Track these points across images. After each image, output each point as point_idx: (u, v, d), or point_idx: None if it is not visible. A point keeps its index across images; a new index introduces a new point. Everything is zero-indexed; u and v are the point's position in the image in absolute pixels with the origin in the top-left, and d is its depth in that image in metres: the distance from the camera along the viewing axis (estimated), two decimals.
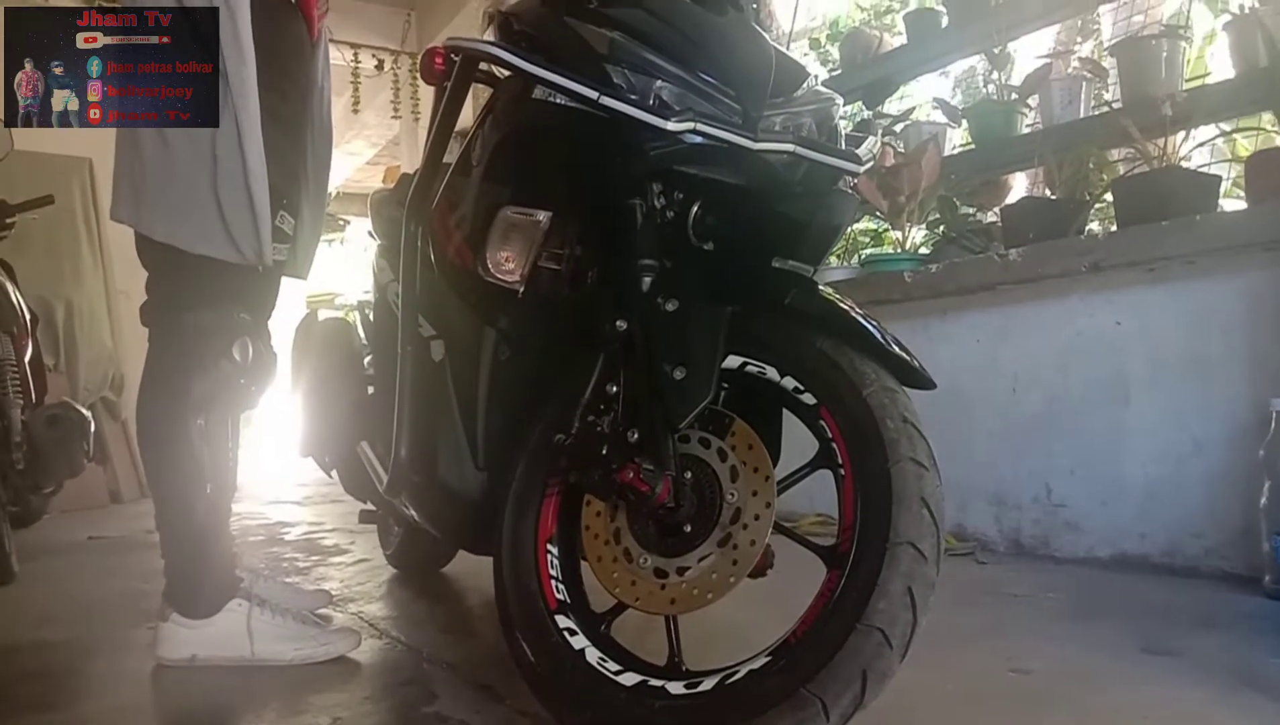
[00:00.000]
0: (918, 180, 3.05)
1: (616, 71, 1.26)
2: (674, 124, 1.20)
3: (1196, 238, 2.22)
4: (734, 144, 1.23)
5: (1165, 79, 2.75)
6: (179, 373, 1.71)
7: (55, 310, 4.81)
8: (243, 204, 1.68)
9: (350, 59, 6.04)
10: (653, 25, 1.30)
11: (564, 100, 1.28)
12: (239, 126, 1.70)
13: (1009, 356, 2.64)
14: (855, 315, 1.23)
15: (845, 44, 4.15)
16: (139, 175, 1.70)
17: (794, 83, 1.38)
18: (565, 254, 1.45)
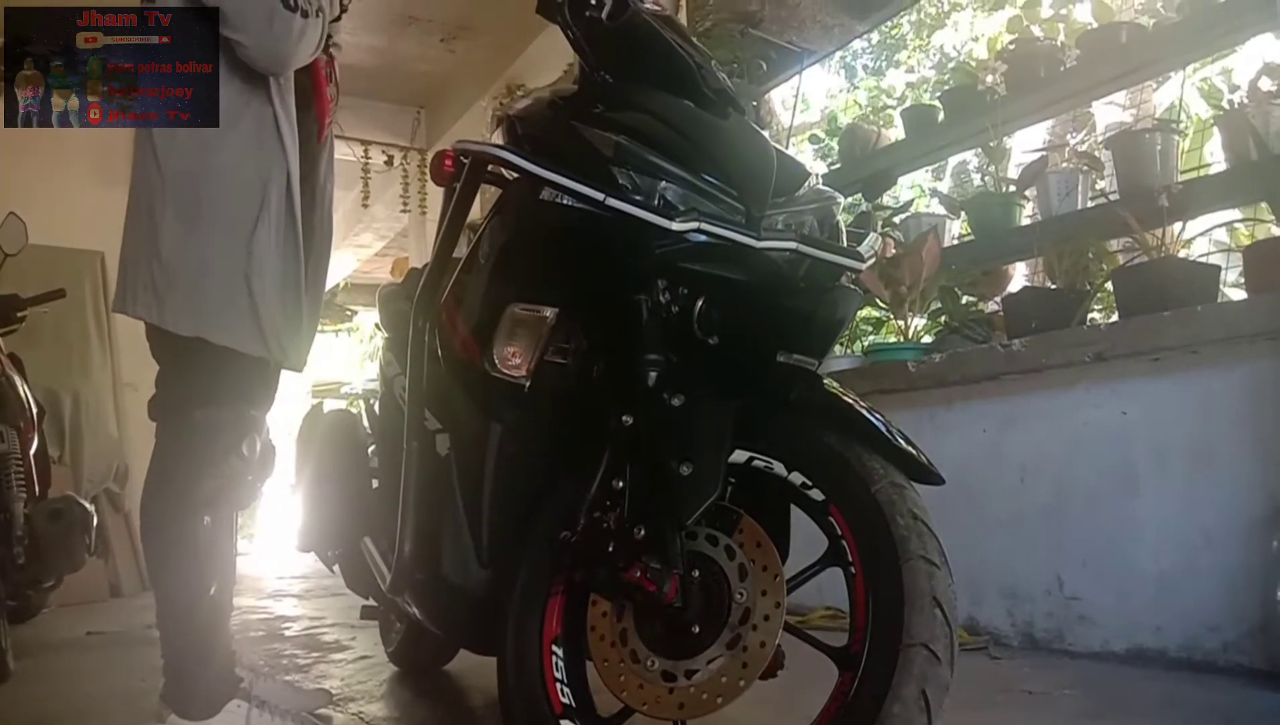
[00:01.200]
0: (918, 270, 3.08)
1: (622, 173, 1.28)
2: (678, 224, 1.22)
3: (1198, 328, 2.23)
4: (738, 242, 1.25)
5: (1160, 171, 2.80)
6: (187, 469, 1.71)
7: (62, 402, 4.82)
8: (275, 300, 1.70)
9: (361, 154, 6.18)
10: (656, 128, 1.34)
11: (571, 201, 1.30)
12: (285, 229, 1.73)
13: (1016, 447, 2.63)
14: (861, 409, 1.24)
15: (844, 139, 4.24)
16: (159, 271, 1.71)
17: (795, 182, 1.41)
18: (571, 348, 1.47)
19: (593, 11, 1.44)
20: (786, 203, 1.37)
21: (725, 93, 1.44)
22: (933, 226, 3.52)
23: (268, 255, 1.71)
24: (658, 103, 1.38)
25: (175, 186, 1.73)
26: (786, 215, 1.37)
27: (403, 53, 5.72)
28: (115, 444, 5.12)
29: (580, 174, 1.28)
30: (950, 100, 3.60)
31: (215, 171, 1.73)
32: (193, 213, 1.71)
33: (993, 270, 3.41)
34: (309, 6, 1.77)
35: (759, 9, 4.47)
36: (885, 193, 4.08)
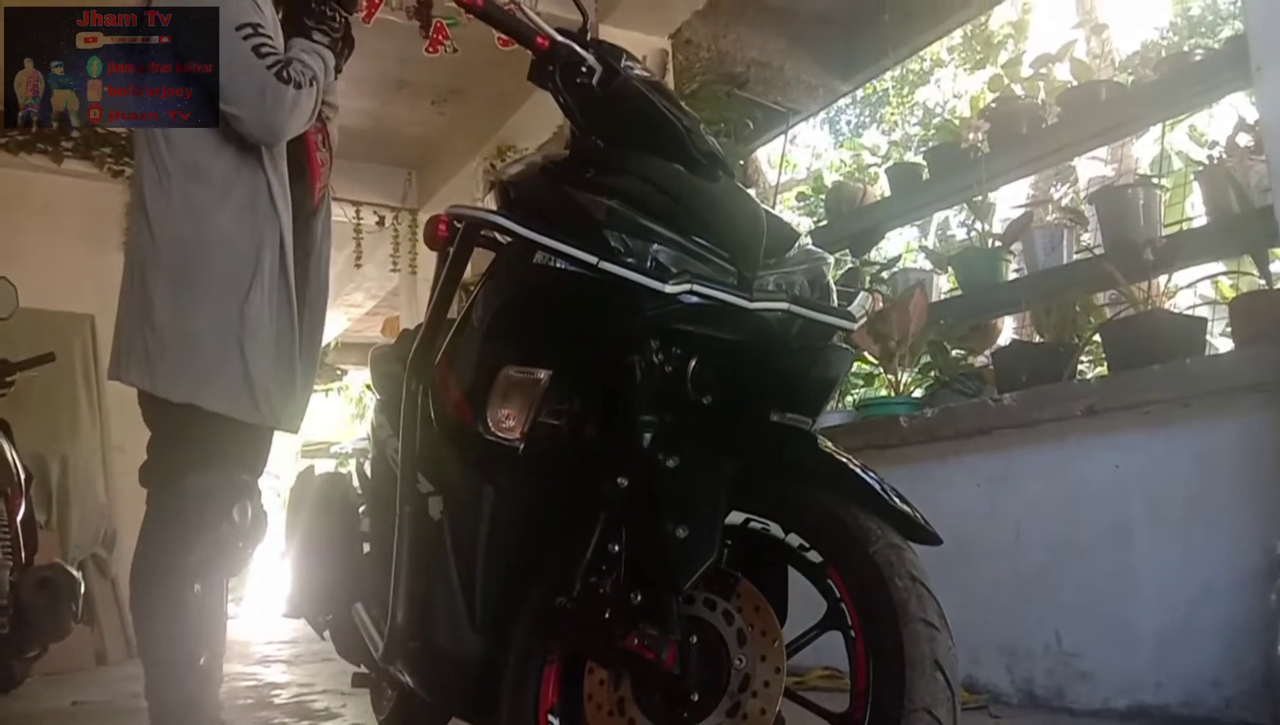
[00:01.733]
0: (907, 325, 3.10)
1: (614, 237, 1.30)
2: (671, 286, 1.23)
3: (1187, 381, 2.24)
4: (730, 303, 1.26)
5: (1144, 225, 2.84)
6: (177, 536, 1.70)
7: (50, 467, 4.78)
8: (267, 365, 1.70)
9: (353, 215, 6.23)
10: (647, 192, 1.35)
11: (564, 264, 1.31)
12: (277, 295, 1.73)
13: (1010, 502, 2.63)
14: (856, 469, 1.24)
15: (830, 196, 4.30)
16: (151, 339, 1.72)
17: (786, 243, 1.43)
18: (565, 410, 1.46)
19: (583, 79, 1.46)
20: (777, 264, 1.38)
21: (714, 155, 1.46)
22: (920, 281, 3.55)
23: (261, 320, 1.72)
24: (648, 167, 1.40)
25: (169, 254, 1.75)
26: (778, 276, 1.38)
27: (394, 116, 5.80)
28: (103, 508, 5.07)
29: (573, 238, 1.29)
30: (934, 157, 3.66)
31: (209, 240, 1.75)
32: (186, 280, 1.72)
33: (981, 324, 3.43)
34: (302, 77, 1.80)
35: (744, 71, 4.56)
36: (872, 248, 4.12)
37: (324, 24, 1.95)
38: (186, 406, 1.70)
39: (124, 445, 5.19)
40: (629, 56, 1.56)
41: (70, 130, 5.47)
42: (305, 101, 1.80)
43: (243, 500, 1.77)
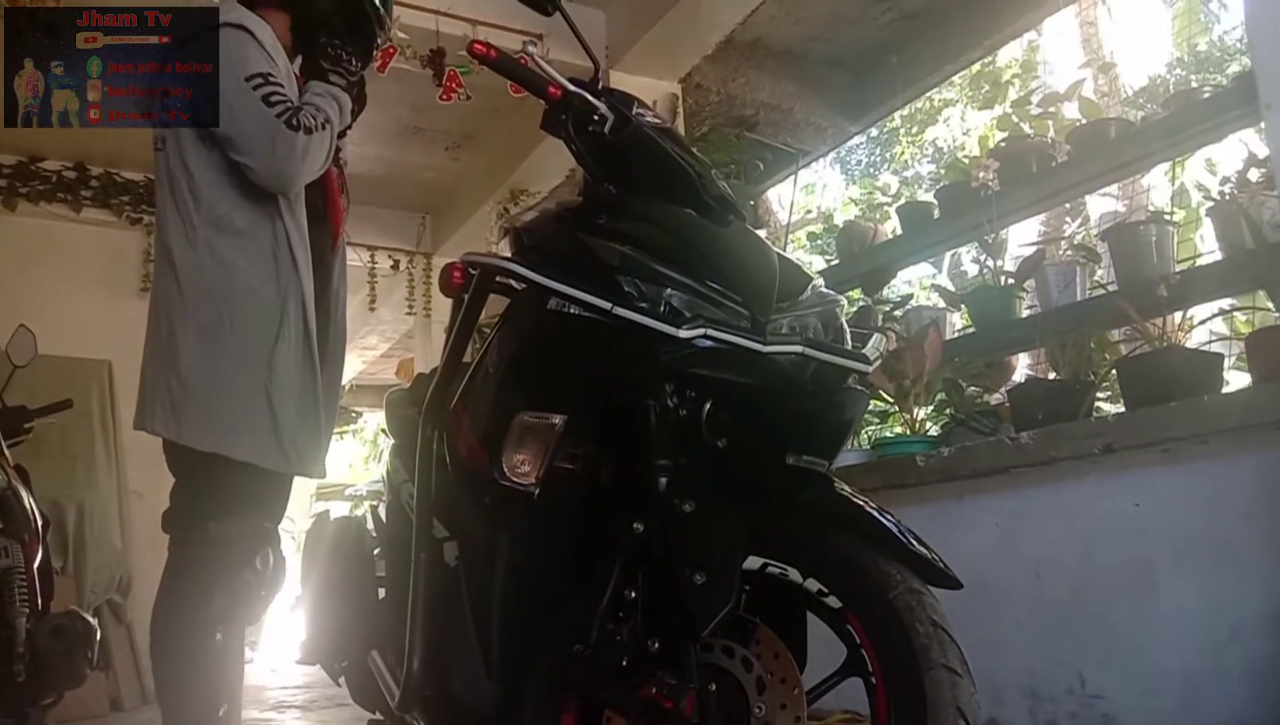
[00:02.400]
0: (921, 363, 3.10)
1: (628, 282, 1.31)
2: (685, 331, 1.24)
3: (1205, 418, 2.23)
4: (744, 347, 1.26)
5: (1157, 262, 2.84)
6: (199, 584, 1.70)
7: (66, 512, 4.79)
8: (295, 414, 1.71)
9: (368, 260, 6.28)
10: (660, 237, 1.37)
11: (578, 310, 1.32)
12: (304, 344, 1.75)
13: (1030, 541, 2.60)
14: (873, 512, 1.23)
15: (842, 236, 4.31)
16: (177, 388, 1.73)
17: (799, 286, 1.43)
18: (580, 455, 1.46)
19: (595, 126, 1.48)
20: (790, 307, 1.39)
21: (725, 200, 1.47)
22: (933, 320, 3.54)
23: (288, 370, 1.75)
24: (661, 212, 1.41)
25: (195, 304, 1.77)
26: (791, 319, 1.38)
27: (409, 162, 5.86)
28: (119, 554, 5.07)
29: (587, 284, 1.30)
30: (945, 196, 3.67)
31: (236, 290, 1.77)
32: (213, 330, 1.74)
33: (996, 362, 3.42)
34: (313, 122, 1.82)
35: (754, 113, 4.60)
36: (884, 287, 4.12)
37: (340, 66, 1.97)
38: (212, 455, 1.71)
39: (141, 490, 5.21)
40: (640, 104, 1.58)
41: (90, 180, 5.56)
42: (317, 146, 1.82)
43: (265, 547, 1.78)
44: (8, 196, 5.35)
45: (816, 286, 1.49)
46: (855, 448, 3.52)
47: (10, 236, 5.33)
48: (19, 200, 5.38)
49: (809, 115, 4.96)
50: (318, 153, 1.84)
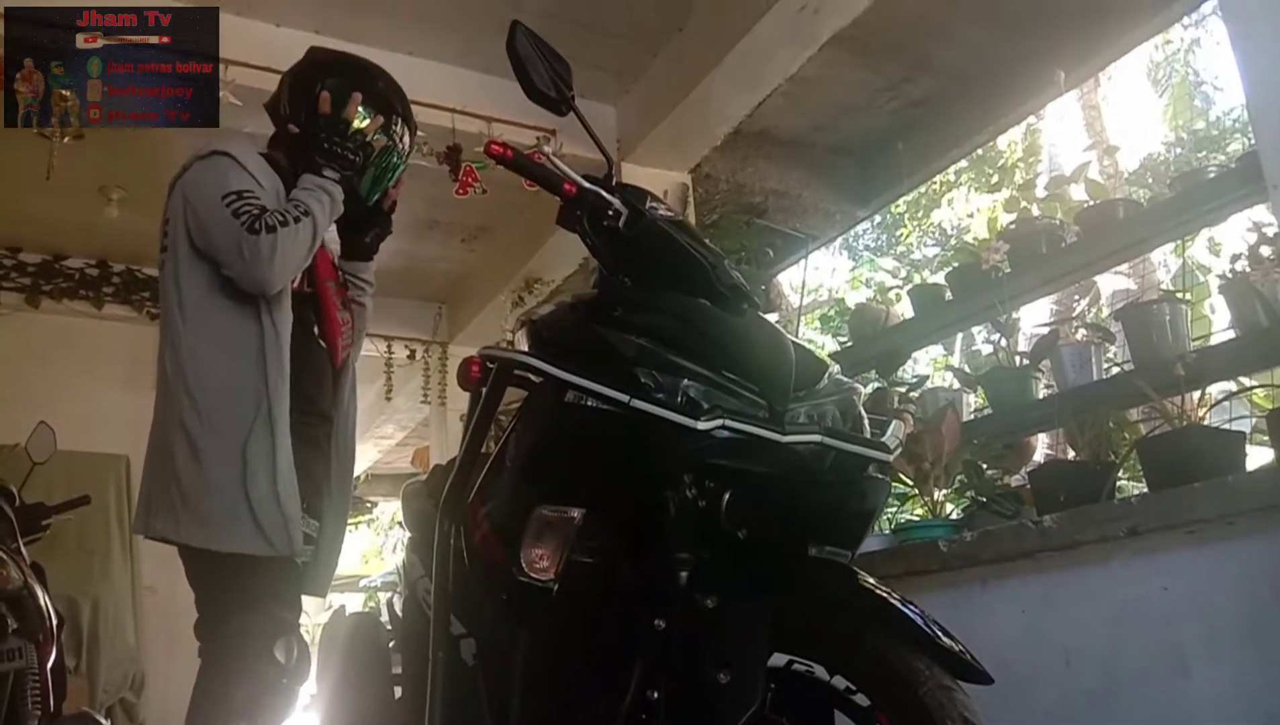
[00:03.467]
0: (940, 446, 3.08)
1: (644, 374, 1.32)
2: (703, 423, 1.24)
3: (1230, 499, 2.20)
4: (763, 437, 1.26)
5: (1172, 340, 2.84)
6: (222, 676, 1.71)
7: (81, 610, 4.76)
8: (270, 500, 1.75)
9: (384, 350, 6.33)
10: (676, 329, 1.38)
11: (595, 403, 1.32)
12: (273, 434, 1.79)
13: (1057, 628, 2.54)
14: (897, 604, 1.21)
15: (854, 318, 4.33)
16: (175, 491, 1.79)
17: (815, 374, 1.44)
18: (600, 548, 1.45)
19: (610, 221, 1.51)
20: (808, 396, 1.39)
21: (739, 289, 1.49)
22: (950, 401, 3.53)
23: (260, 460, 1.82)
24: (676, 304, 1.43)
25: (181, 403, 1.83)
26: (809, 407, 1.38)
27: (425, 254, 5.96)
28: (132, 652, 5.01)
29: (604, 376, 1.31)
30: (956, 278, 3.69)
31: (212, 388, 1.88)
32: (196, 431, 1.84)
33: (1014, 443, 3.40)
34: (284, 217, 1.89)
35: (763, 200, 4.68)
36: (898, 369, 4.12)
37: (335, 161, 2.05)
38: (214, 554, 1.74)
39: (155, 586, 5.18)
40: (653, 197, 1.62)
41: (111, 276, 5.67)
42: (288, 240, 1.90)
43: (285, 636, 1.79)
44: (31, 294, 5.46)
45: (833, 373, 1.49)
46: (876, 533, 3.48)
47: (33, 333, 5.42)
48: (42, 297, 5.48)
49: (817, 201, 5.03)
50: (290, 247, 1.92)
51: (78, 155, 3.64)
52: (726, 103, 4.14)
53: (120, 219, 4.87)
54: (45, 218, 5.12)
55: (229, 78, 3.40)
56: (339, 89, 2.16)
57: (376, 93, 2.24)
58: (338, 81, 2.18)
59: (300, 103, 2.17)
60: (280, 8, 3.79)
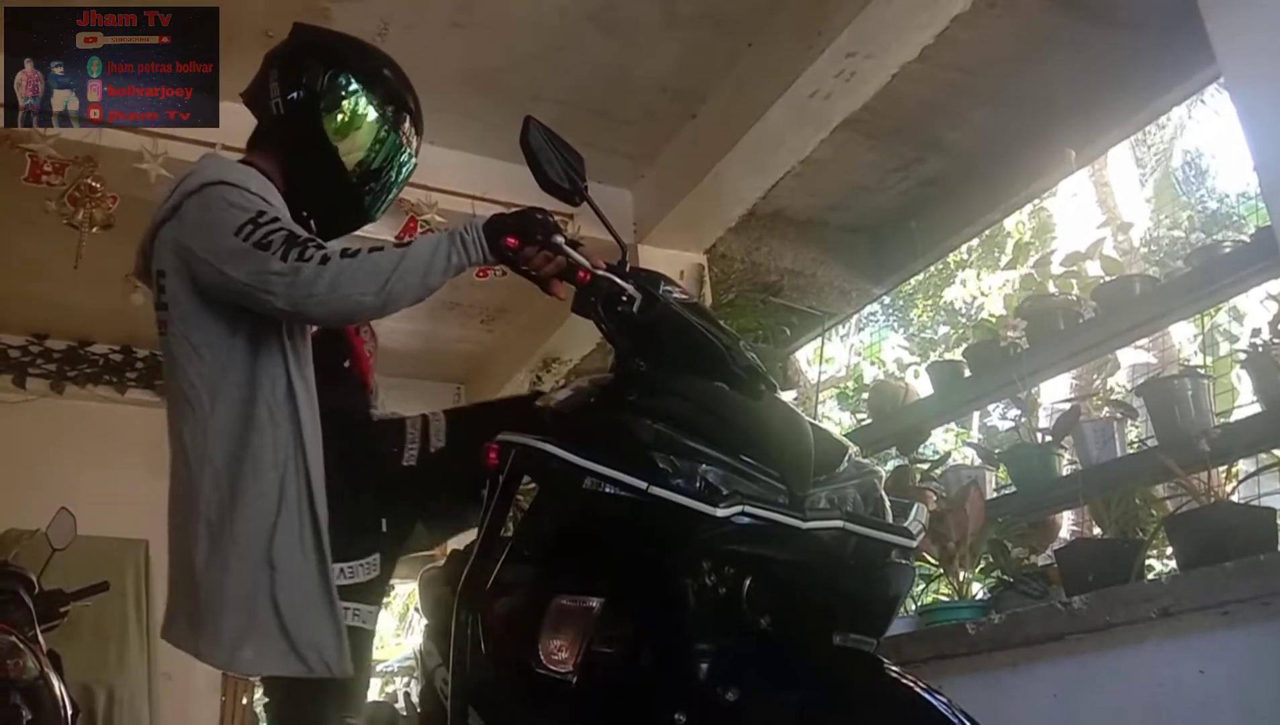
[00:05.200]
0: (964, 525, 3.04)
1: (662, 459, 1.31)
2: (722, 510, 1.23)
3: (1265, 579, 2.15)
4: (783, 523, 1.25)
5: (1195, 415, 2.81)
6: None
7: (97, 698, 4.70)
8: (305, 609, 1.61)
9: None
10: (694, 413, 1.38)
11: (614, 490, 1.32)
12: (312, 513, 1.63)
13: (1090, 713, 2.47)
14: (923, 693, 1.19)
15: (873, 396, 4.33)
16: (192, 600, 1.64)
17: (835, 458, 1.43)
18: (619, 638, 1.43)
19: (624, 307, 1.53)
20: (828, 480, 1.38)
21: (755, 370, 1.49)
22: (973, 479, 3.49)
23: (292, 562, 1.61)
24: (692, 388, 1.43)
25: (206, 485, 1.64)
26: (830, 491, 1.37)
27: (445, 335, 6.02)
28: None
29: (621, 463, 1.31)
30: (974, 355, 3.69)
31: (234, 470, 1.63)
32: (218, 527, 1.62)
33: (1039, 521, 3.35)
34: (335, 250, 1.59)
35: (778, 279, 4.72)
36: (918, 446, 4.09)
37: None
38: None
39: (170, 671, 5.12)
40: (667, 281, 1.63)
41: (135, 361, 5.73)
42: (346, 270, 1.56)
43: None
44: (56, 381, 5.52)
45: (853, 456, 1.48)
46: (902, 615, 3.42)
47: (56, 419, 5.46)
48: (67, 383, 5.54)
49: (832, 279, 5.07)
50: (348, 282, 1.56)
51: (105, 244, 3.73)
52: (740, 185, 4.21)
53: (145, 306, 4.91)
54: (72, 305, 5.21)
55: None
56: (349, 85, 1.85)
57: (389, 86, 1.94)
58: (344, 73, 1.85)
59: (299, 97, 1.83)
60: None
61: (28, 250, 4.34)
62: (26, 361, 5.47)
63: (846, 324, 6.47)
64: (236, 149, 3.27)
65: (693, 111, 4.19)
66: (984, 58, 3.89)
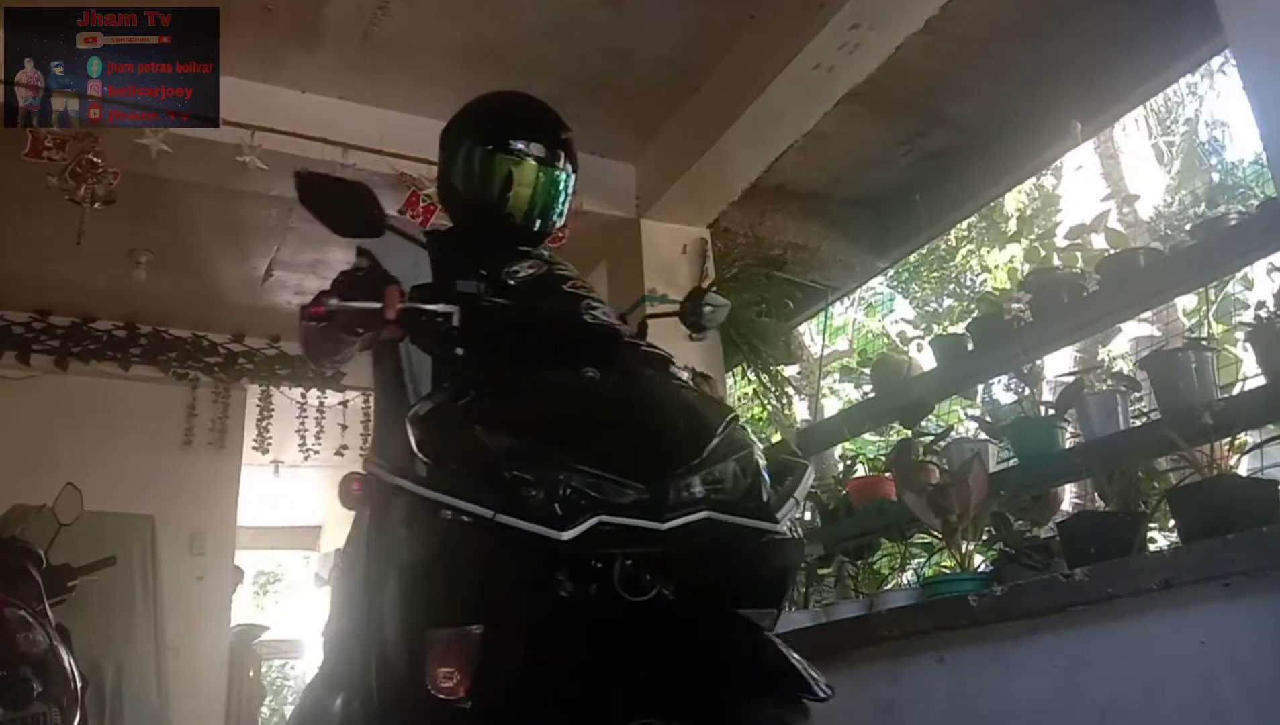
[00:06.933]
0: (968, 499, 3.04)
1: (514, 475, 1.29)
2: (569, 533, 1.21)
3: (1267, 551, 2.15)
4: (642, 528, 1.24)
5: (1199, 387, 2.81)
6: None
7: (105, 672, 4.75)
8: None
9: None
10: (543, 417, 1.36)
11: (465, 518, 1.29)
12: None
13: (1092, 685, 2.49)
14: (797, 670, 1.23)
15: (876, 370, 4.33)
16: None
17: (706, 435, 1.39)
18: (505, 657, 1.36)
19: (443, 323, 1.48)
20: (699, 465, 1.35)
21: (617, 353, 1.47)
22: (975, 453, 3.49)
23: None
24: (544, 389, 1.41)
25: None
26: (704, 473, 1.35)
27: None
28: (156, 712, 4.99)
29: (474, 484, 1.29)
30: (978, 328, 3.68)
31: None
32: None
33: (1042, 494, 3.36)
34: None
35: (782, 253, 4.71)
36: (921, 420, 4.10)
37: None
38: None
39: (178, 646, 5.17)
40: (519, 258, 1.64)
41: (139, 338, 5.74)
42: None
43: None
44: (60, 357, 5.53)
45: (733, 426, 1.45)
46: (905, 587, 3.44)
47: (61, 396, 5.49)
48: (70, 359, 5.56)
49: (836, 253, 5.06)
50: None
51: (107, 220, 3.73)
52: (743, 159, 4.19)
53: (148, 282, 4.95)
54: (75, 282, 5.21)
55: (255, 143, 3.50)
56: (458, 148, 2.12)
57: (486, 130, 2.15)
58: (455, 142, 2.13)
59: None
60: (306, 75, 3.89)
61: (30, 227, 4.34)
62: (30, 338, 5.48)
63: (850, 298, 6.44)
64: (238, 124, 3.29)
65: (695, 85, 4.16)
66: (989, 29, 3.86)
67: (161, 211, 4.43)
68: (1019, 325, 3.47)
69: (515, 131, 2.06)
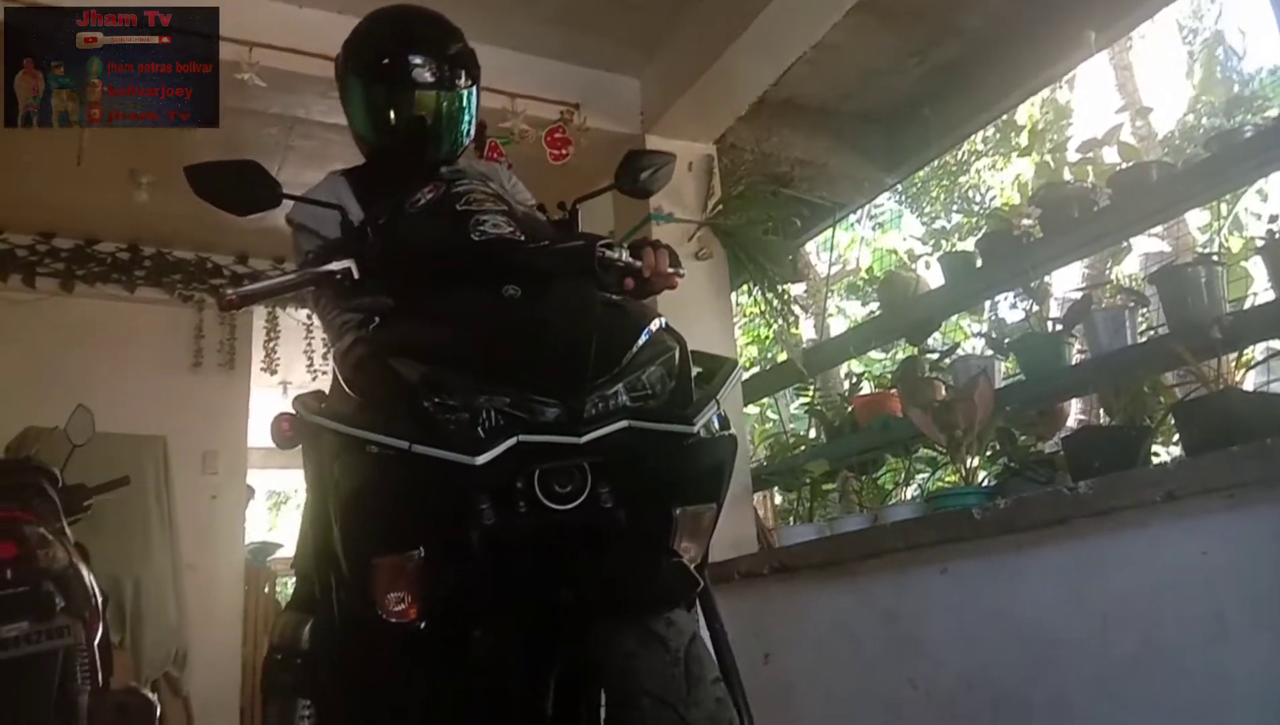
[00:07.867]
0: (973, 415, 3.06)
1: (430, 402, 1.31)
2: (483, 457, 1.24)
3: (1271, 462, 2.17)
4: (561, 444, 1.27)
5: (1208, 303, 2.80)
6: None
7: (124, 588, 4.86)
8: None
9: None
10: (463, 347, 1.36)
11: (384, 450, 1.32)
12: None
13: (1095, 595, 2.53)
14: None
15: (883, 288, 4.31)
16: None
17: (627, 341, 1.41)
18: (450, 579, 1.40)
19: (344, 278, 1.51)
20: (620, 374, 1.37)
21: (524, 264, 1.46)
22: (982, 369, 3.50)
23: None
24: (452, 312, 1.42)
25: None
26: (627, 382, 1.37)
27: None
28: (174, 627, 5.12)
29: (392, 415, 1.31)
30: (987, 245, 3.66)
31: None
32: None
33: (1047, 410, 3.37)
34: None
35: (789, 170, 4.64)
36: (928, 337, 4.10)
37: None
38: None
39: (194, 563, 5.28)
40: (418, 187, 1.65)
41: (143, 260, 5.73)
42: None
43: None
44: (65, 279, 5.53)
45: (654, 331, 1.45)
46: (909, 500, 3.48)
47: (68, 318, 5.49)
48: (76, 282, 5.55)
49: (844, 169, 4.98)
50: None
51: (107, 141, 3.68)
52: (750, 72, 4.09)
53: (150, 203, 4.91)
54: (77, 204, 5.17)
55: (253, 60, 3.42)
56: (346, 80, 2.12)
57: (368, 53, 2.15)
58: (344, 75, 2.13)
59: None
60: None
61: (30, 150, 4.29)
62: (34, 261, 5.47)
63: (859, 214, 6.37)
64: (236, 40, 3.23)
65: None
66: None
67: (161, 131, 4.37)
68: (1028, 241, 3.44)
69: (400, 60, 1.98)
